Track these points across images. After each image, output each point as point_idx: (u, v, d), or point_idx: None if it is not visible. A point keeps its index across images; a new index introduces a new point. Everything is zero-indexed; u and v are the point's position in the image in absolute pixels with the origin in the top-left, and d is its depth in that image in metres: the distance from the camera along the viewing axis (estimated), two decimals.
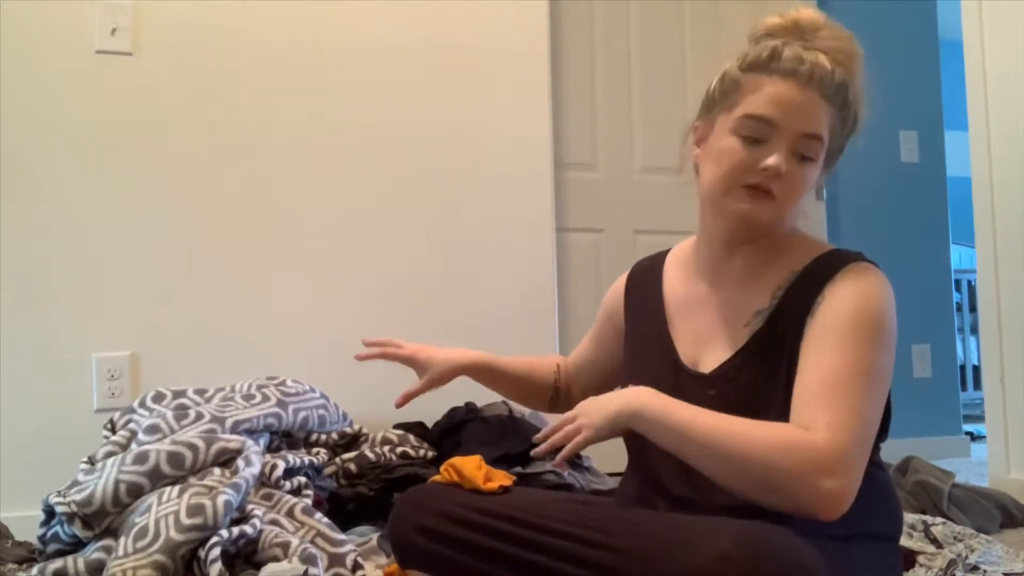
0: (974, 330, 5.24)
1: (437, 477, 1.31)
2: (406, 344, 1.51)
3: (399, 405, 1.36)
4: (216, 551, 1.48)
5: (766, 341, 1.15)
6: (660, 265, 1.37)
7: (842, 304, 1.10)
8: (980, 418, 3.17)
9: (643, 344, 1.32)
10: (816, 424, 1.03)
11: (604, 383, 1.45)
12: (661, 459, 1.21)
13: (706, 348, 1.22)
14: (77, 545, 1.69)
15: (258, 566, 1.52)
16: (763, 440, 1.03)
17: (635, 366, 1.32)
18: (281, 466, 1.84)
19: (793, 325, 1.14)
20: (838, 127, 1.18)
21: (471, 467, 1.23)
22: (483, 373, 1.49)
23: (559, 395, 1.49)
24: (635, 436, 1.26)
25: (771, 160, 1.12)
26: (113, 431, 1.97)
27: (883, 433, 1.18)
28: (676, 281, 1.32)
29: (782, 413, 1.10)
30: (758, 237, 1.20)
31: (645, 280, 1.38)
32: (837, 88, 1.16)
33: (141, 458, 1.70)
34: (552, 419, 1.48)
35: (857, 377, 1.06)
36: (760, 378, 1.14)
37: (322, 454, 2.02)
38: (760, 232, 1.19)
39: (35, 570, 1.61)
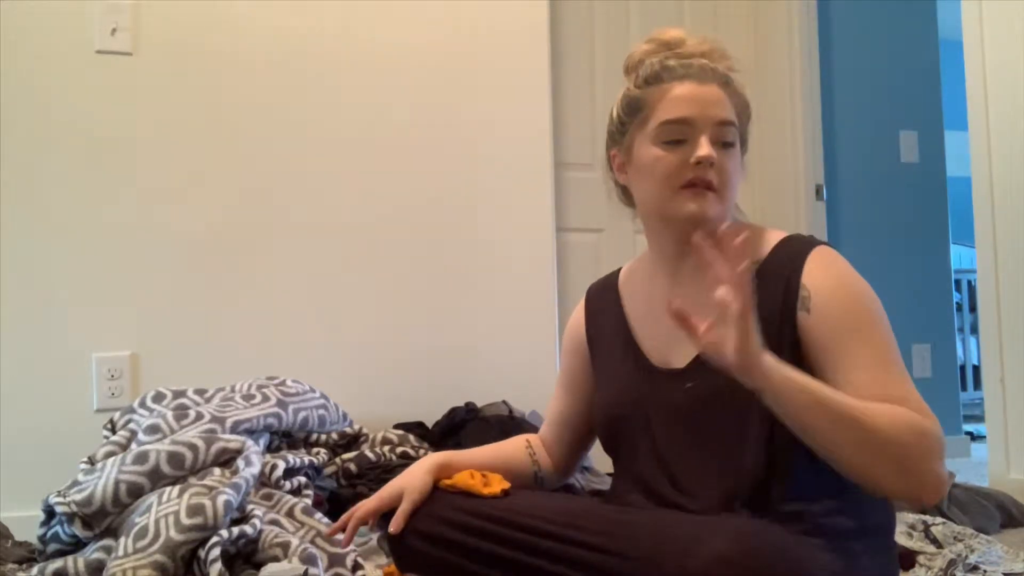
0: (974, 330, 5.24)
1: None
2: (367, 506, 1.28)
3: (396, 530, 1.20)
4: (216, 551, 1.48)
5: None
6: (615, 282, 1.39)
7: (836, 293, 1.13)
8: (980, 418, 3.17)
9: (611, 360, 1.32)
10: (913, 410, 1.05)
11: (586, 432, 1.40)
12: (646, 463, 1.21)
13: (676, 346, 1.22)
14: (77, 545, 1.69)
15: (258, 566, 1.52)
16: (896, 419, 1.03)
17: (605, 382, 1.32)
18: (281, 466, 1.84)
19: (769, 309, 1.14)
20: (740, 110, 1.24)
21: (464, 479, 1.23)
22: (451, 471, 1.29)
23: (540, 470, 1.40)
24: (619, 432, 1.26)
25: (701, 151, 1.17)
26: (113, 431, 1.97)
27: None
28: (634, 292, 1.34)
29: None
30: (708, 235, 1.21)
31: (602, 300, 1.38)
32: (726, 78, 1.23)
33: (141, 458, 1.70)
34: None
35: (896, 357, 1.11)
36: None
37: (322, 454, 2.02)
38: (711, 228, 1.20)
39: (35, 570, 1.61)
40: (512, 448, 1.41)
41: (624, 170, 1.28)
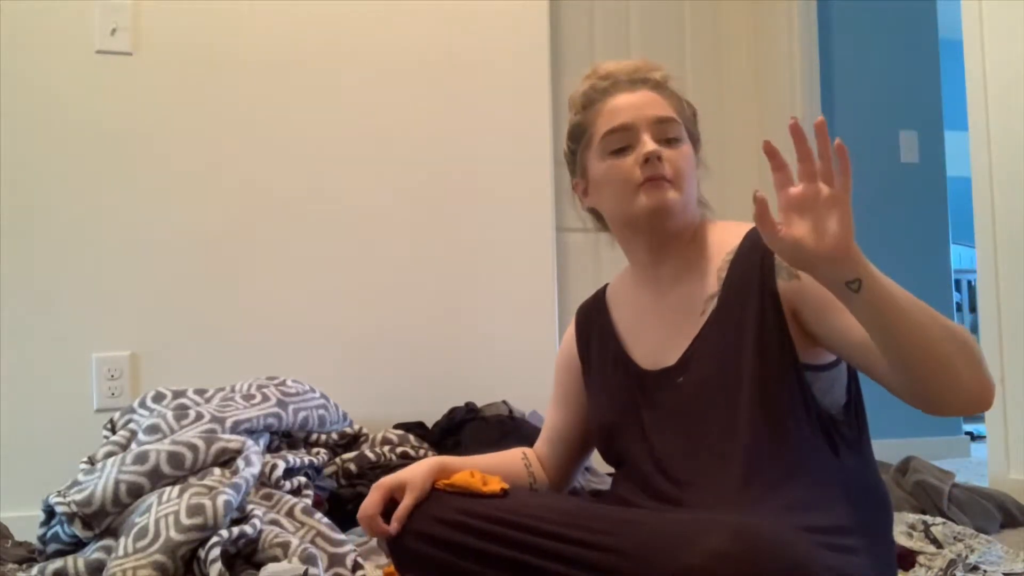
0: (974, 330, 5.23)
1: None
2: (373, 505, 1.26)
3: (395, 532, 1.20)
4: (216, 551, 1.48)
5: (723, 319, 1.20)
6: (602, 298, 1.42)
7: None
8: (980, 418, 3.17)
9: (602, 373, 1.34)
10: None
11: (580, 447, 1.42)
12: (643, 465, 1.23)
13: (665, 347, 1.25)
14: (77, 545, 1.69)
15: (258, 566, 1.52)
16: (953, 322, 1.01)
17: (597, 395, 1.34)
18: (281, 466, 1.84)
19: (749, 292, 1.18)
20: (681, 111, 1.27)
21: (464, 478, 1.23)
22: (448, 475, 1.28)
23: (536, 482, 1.40)
24: (615, 441, 1.28)
25: (646, 148, 1.21)
26: (113, 431, 1.97)
27: (861, 419, 1.20)
28: (621, 304, 1.37)
29: (754, 380, 1.14)
30: (678, 228, 1.25)
31: (591, 316, 1.41)
32: (657, 79, 1.27)
33: (141, 458, 1.70)
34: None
35: None
36: (725, 352, 1.17)
37: (322, 454, 2.02)
38: (676, 220, 1.24)
39: (35, 570, 1.61)
40: (508, 459, 1.41)
41: (588, 193, 1.32)
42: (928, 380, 0.99)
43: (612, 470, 1.35)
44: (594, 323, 1.39)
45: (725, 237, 1.25)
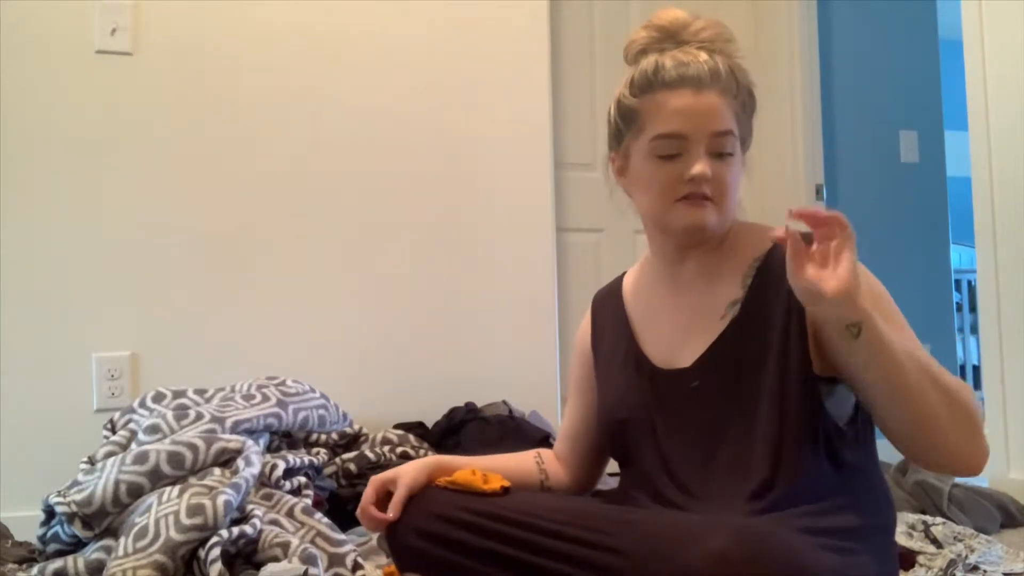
0: (974, 330, 5.24)
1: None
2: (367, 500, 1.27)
3: (396, 516, 1.20)
4: (216, 551, 1.48)
5: (745, 327, 1.17)
6: (619, 287, 1.38)
7: None
8: None
9: (613, 365, 1.31)
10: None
11: (601, 442, 1.38)
12: (651, 466, 1.22)
13: (680, 347, 1.22)
14: (77, 545, 1.69)
15: (258, 566, 1.52)
16: (962, 384, 1.06)
17: (607, 388, 1.32)
18: (281, 466, 1.84)
19: (776, 303, 1.15)
20: (740, 112, 1.21)
21: (465, 475, 1.23)
22: (450, 472, 1.28)
23: (548, 479, 1.37)
24: (623, 438, 1.26)
25: (695, 169, 1.15)
26: (113, 431, 1.97)
27: (868, 428, 1.20)
28: (636, 296, 1.33)
29: (773, 395, 1.12)
30: (708, 240, 1.23)
31: (607, 305, 1.38)
32: (727, 77, 1.19)
33: (141, 458, 1.70)
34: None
35: (908, 325, 1.14)
36: (745, 361, 1.15)
37: (322, 454, 2.02)
38: (710, 235, 1.21)
39: (35, 570, 1.61)
40: (520, 459, 1.39)
41: (623, 174, 1.27)
42: (914, 437, 1.06)
43: (613, 470, 1.35)
44: (609, 312, 1.36)
45: (754, 241, 1.22)
